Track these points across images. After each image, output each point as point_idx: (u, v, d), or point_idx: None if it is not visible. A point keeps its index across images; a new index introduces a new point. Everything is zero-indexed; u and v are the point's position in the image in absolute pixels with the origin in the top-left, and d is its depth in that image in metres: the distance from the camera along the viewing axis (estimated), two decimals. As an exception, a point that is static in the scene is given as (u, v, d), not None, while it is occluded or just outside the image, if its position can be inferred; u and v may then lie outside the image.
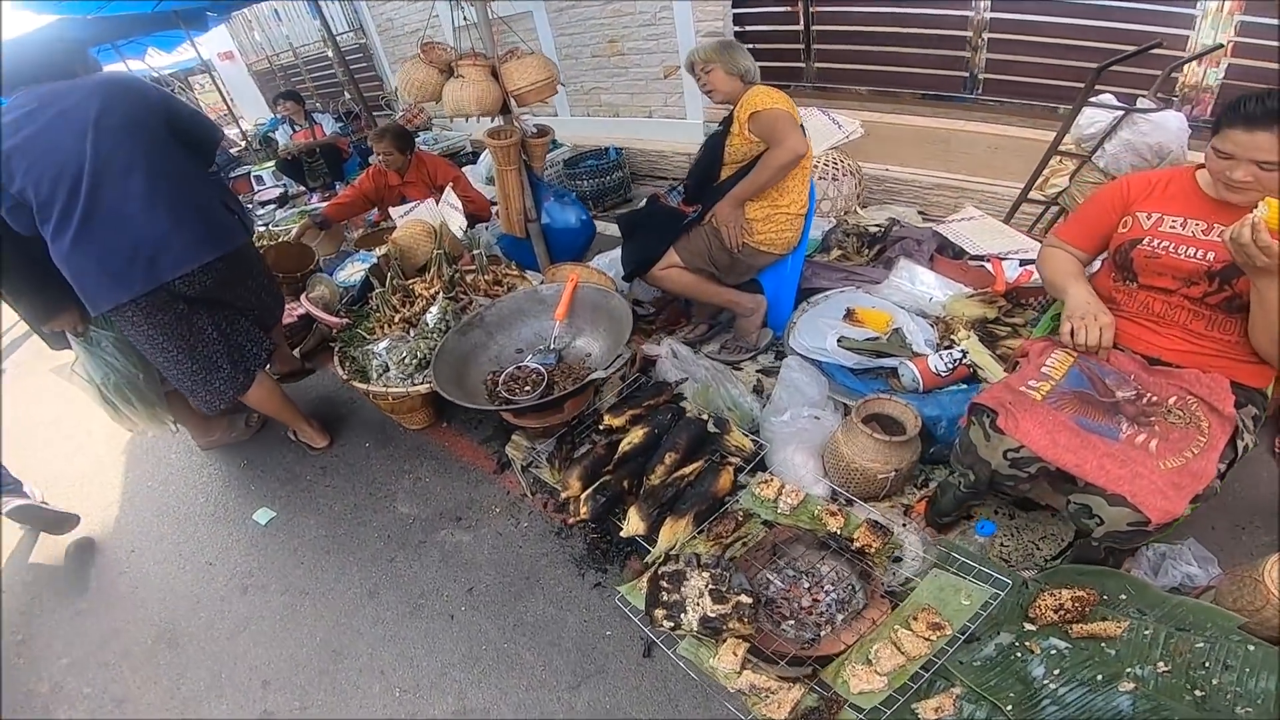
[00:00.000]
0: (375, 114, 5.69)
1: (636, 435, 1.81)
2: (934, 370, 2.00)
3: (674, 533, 1.61)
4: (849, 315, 2.26)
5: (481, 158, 4.94)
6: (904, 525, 1.78)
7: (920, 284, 2.43)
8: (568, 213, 2.87)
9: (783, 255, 2.42)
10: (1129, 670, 1.24)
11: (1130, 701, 1.17)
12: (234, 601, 2.08)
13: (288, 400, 2.52)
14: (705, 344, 2.71)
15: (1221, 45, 2.53)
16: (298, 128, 5.35)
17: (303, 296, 3.08)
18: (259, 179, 5.66)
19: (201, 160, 2.16)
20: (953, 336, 2.13)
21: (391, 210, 3.58)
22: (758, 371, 2.55)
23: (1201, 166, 1.42)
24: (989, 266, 2.33)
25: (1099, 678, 1.25)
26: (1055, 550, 1.72)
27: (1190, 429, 1.29)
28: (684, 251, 2.34)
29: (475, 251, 2.88)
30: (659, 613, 1.40)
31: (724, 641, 1.34)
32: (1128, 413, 1.34)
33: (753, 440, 1.90)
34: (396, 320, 2.60)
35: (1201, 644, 1.21)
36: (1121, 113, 2.47)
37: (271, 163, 5.65)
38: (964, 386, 2.02)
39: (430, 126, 6.45)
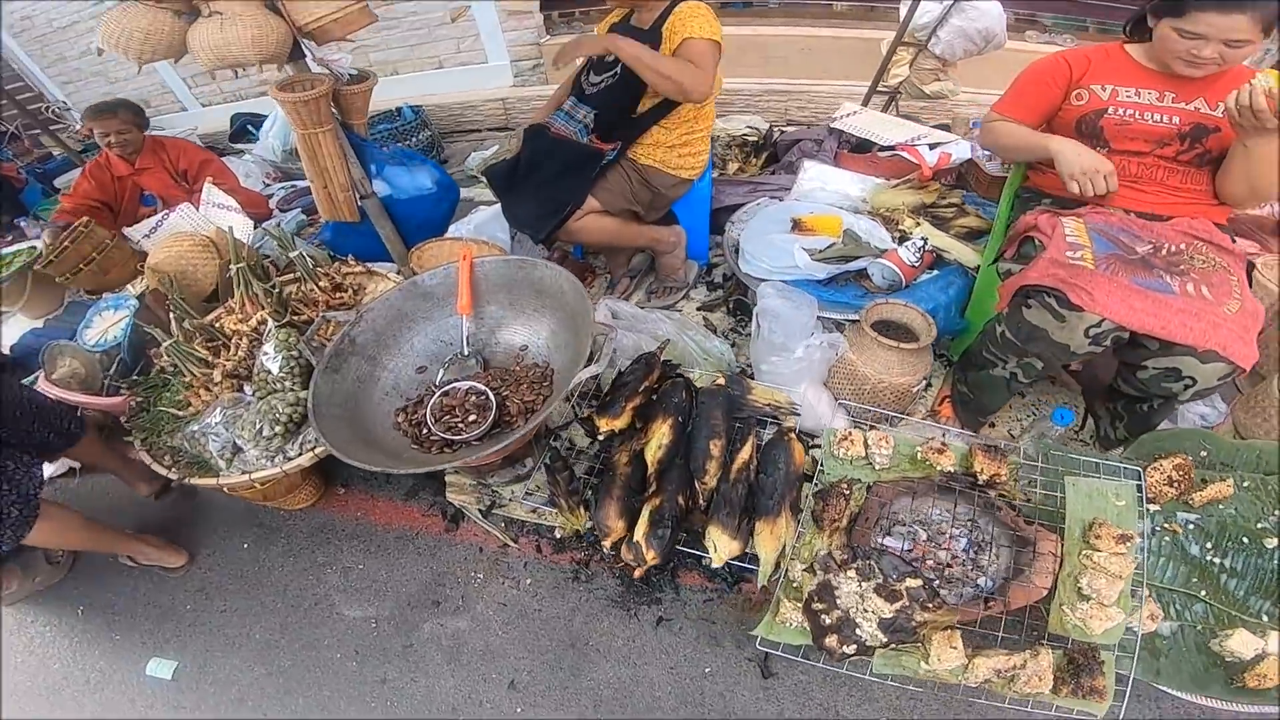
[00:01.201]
0: (53, 128, 4.07)
1: (663, 433, 1.38)
2: (907, 263, 1.84)
3: (776, 538, 1.25)
4: (797, 226, 2.01)
5: (270, 121, 3.71)
6: (945, 435, 1.61)
7: (832, 183, 2.26)
8: (418, 176, 2.16)
9: (696, 178, 2.08)
10: (1260, 525, 1.20)
11: (1291, 553, 1.13)
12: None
13: (94, 525, 1.64)
14: (630, 296, 2.30)
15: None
16: (-73, 160, 3.62)
17: (41, 379, 2.03)
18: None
19: None
20: (901, 228, 1.99)
21: (130, 231, 2.55)
22: (699, 309, 2.23)
23: (1129, 41, 1.48)
24: (906, 155, 2.23)
25: (1244, 540, 1.19)
26: (1079, 422, 1.69)
27: (1220, 270, 1.28)
28: (604, 194, 1.88)
29: (294, 253, 2.07)
30: (831, 640, 1.06)
31: (930, 640, 1.04)
32: (1160, 265, 1.28)
33: (783, 391, 1.58)
34: (218, 380, 1.77)
35: (1293, 481, 1.21)
36: (952, 1, 2.49)
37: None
38: (935, 273, 1.89)
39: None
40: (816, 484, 1.35)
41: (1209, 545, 1.20)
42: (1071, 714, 1.04)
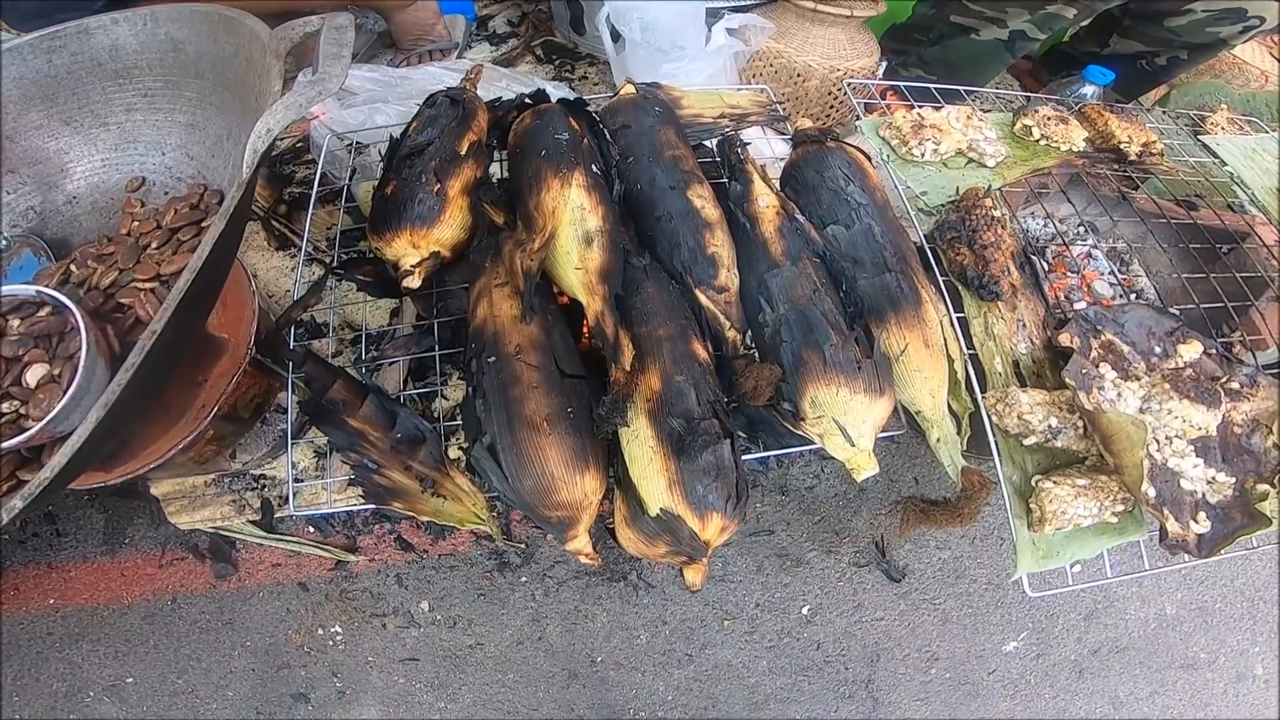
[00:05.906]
0: None
1: (576, 206, 0.52)
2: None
3: (936, 352, 0.52)
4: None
5: None
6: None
7: None
8: None
9: None
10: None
11: None
12: None
13: None
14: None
15: None
16: None
17: None
18: None
19: None
20: None
21: None
22: (494, 62, 1.31)
23: None
24: None
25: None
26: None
27: None
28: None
29: None
30: (1172, 526, 0.45)
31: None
32: None
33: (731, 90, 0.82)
34: None
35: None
36: None
37: None
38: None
39: None
40: (920, 217, 0.64)
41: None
42: None
